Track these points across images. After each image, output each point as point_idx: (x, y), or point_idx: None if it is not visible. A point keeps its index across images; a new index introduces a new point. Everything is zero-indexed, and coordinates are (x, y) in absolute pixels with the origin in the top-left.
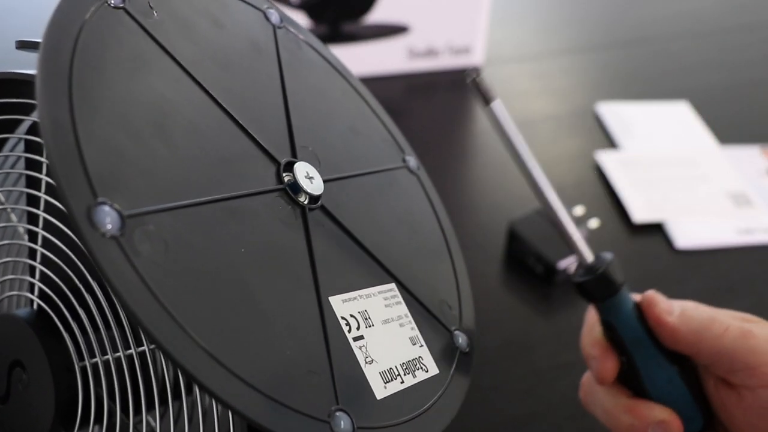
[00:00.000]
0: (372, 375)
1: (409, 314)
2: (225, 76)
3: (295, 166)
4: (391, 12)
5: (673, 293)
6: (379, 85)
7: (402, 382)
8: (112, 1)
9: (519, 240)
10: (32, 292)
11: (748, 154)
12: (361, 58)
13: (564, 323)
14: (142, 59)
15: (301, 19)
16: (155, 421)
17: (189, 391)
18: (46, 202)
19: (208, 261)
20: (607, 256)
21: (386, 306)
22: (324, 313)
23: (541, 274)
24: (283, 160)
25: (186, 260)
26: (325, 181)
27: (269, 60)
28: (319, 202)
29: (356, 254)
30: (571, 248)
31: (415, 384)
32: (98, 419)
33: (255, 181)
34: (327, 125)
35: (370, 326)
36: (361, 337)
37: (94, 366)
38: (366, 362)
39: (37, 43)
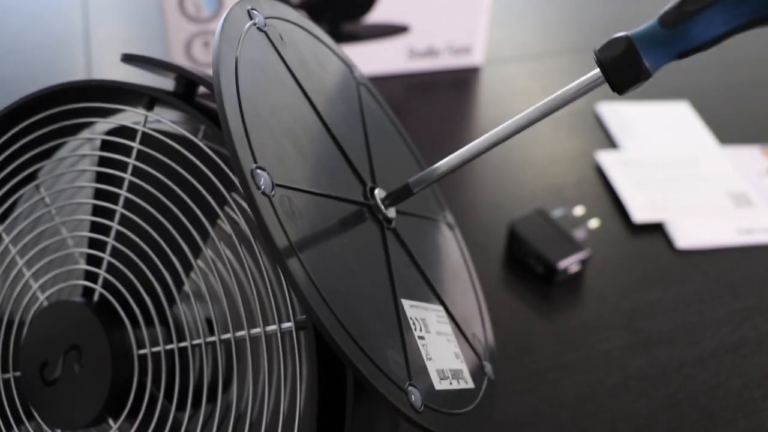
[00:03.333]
0: (431, 369)
1: (452, 335)
2: (327, 105)
3: (376, 191)
4: (391, 12)
5: (673, 293)
6: (379, 84)
7: (450, 383)
8: (258, 24)
9: (519, 240)
10: (95, 282)
11: (748, 154)
12: (361, 58)
13: (564, 323)
14: (277, 77)
15: None
16: (195, 417)
17: (225, 388)
18: (126, 198)
19: (324, 238)
20: None
21: (438, 322)
22: (398, 308)
23: (541, 274)
24: (368, 184)
25: (308, 231)
26: (396, 211)
27: (354, 103)
28: (393, 225)
29: (415, 274)
30: None
31: (458, 389)
32: (143, 409)
33: (349, 194)
34: (391, 166)
35: (428, 332)
36: (423, 338)
37: (151, 355)
38: (427, 358)
39: (142, 57)
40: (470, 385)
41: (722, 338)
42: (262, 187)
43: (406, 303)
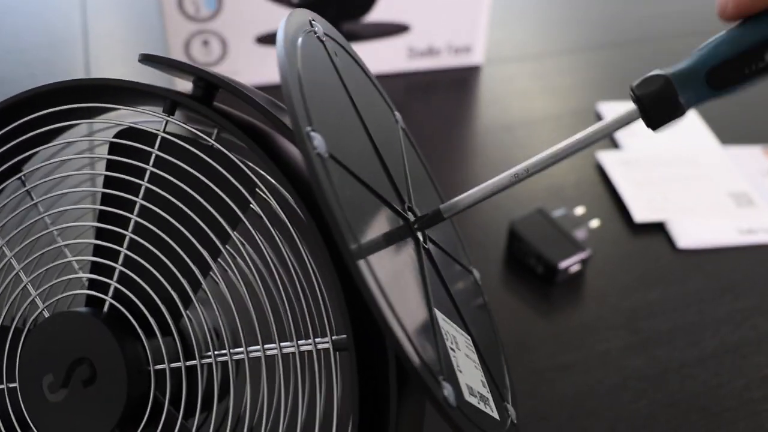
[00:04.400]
0: (461, 380)
1: (479, 365)
2: (374, 127)
3: (414, 209)
4: (392, 11)
5: (673, 293)
6: (380, 84)
7: (478, 402)
8: (318, 34)
9: (519, 240)
10: (102, 292)
11: (749, 154)
12: (362, 57)
13: (564, 323)
14: (331, 82)
15: None
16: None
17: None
18: (142, 206)
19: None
20: None
21: (467, 347)
22: (432, 316)
23: (541, 274)
24: (407, 203)
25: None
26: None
27: (395, 138)
28: (427, 244)
29: (446, 298)
30: None
31: (485, 412)
32: (153, 424)
33: (392, 204)
34: (423, 201)
35: (458, 349)
36: (453, 350)
37: (169, 371)
38: (458, 369)
39: (162, 57)
40: (496, 416)
41: (722, 338)
42: (316, 146)
43: (439, 315)
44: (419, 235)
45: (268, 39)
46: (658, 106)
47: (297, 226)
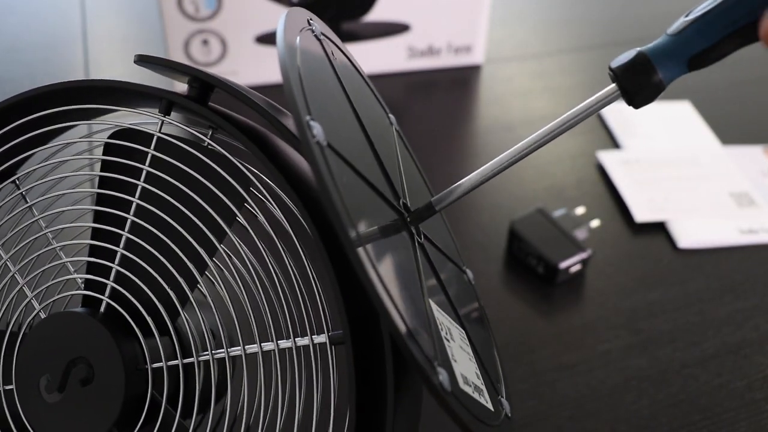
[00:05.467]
0: (456, 369)
1: (473, 357)
2: (370, 125)
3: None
4: (392, 11)
5: (675, 293)
6: (380, 83)
7: (473, 392)
8: (315, 32)
9: (520, 240)
10: (99, 292)
11: (750, 154)
12: (362, 57)
13: (565, 324)
14: (329, 79)
15: None
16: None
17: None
18: (138, 205)
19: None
20: None
21: (461, 339)
22: (426, 305)
23: (542, 274)
24: (402, 199)
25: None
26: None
27: (390, 138)
28: (422, 239)
29: (440, 292)
30: None
31: (480, 402)
32: (150, 423)
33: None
34: (416, 199)
35: (453, 340)
36: (448, 340)
37: (166, 369)
38: (452, 358)
39: (156, 58)
40: (490, 407)
41: (724, 339)
42: (315, 134)
43: (434, 306)
44: (413, 229)
45: (267, 39)
46: (636, 82)
47: (293, 224)
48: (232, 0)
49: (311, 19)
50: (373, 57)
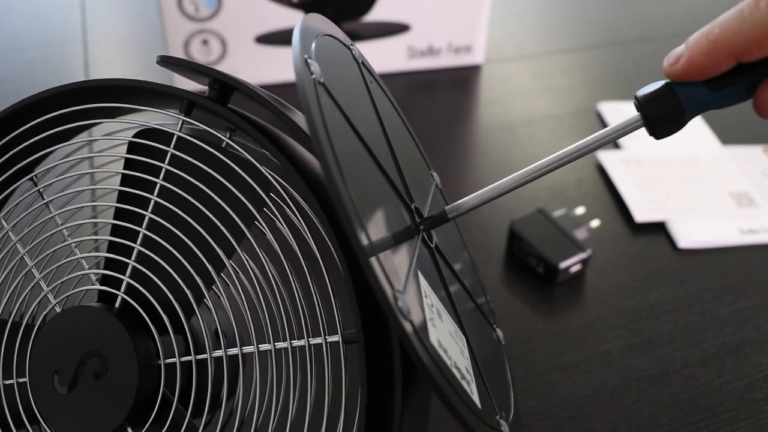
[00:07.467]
0: (449, 353)
1: (472, 369)
2: (392, 131)
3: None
4: (392, 11)
5: (675, 293)
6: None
7: (461, 378)
8: (354, 52)
9: (520, 240)
10: (115, 287)
11: (750, 154)
12: None
13: (565, 324)
14: (350, 78)
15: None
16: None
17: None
18: (156, 204)
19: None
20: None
21: (461, 343)
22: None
23: (542, 274)
24: (413, 205)
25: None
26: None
27: (402, 133)
28: (434, 244)
29: (443, 296)
30: None
31: (466, 388)
32: (160, 422)
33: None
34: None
35: (441, 320)
36: (432, 320)
37: (180, 365)
38: (444, 351)
39: (178, 59)
40: (476, 401)
41: (724, 339)
42: (315, 74)
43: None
44: (425, 234)
45: (267, 39)
46: (665, 121)
47: (309, 226)
48: (232, 0)
49: (352, 45)
50: (373, 57)
